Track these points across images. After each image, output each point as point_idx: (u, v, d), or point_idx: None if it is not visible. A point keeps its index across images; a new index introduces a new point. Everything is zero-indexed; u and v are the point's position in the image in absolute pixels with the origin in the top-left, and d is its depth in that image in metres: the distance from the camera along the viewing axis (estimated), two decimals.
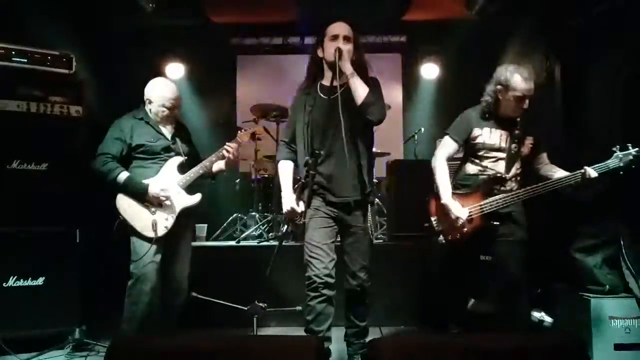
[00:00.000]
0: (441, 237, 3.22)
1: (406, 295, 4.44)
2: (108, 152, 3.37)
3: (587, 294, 3.40)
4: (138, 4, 5.10)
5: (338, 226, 3.03)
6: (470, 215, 3.13)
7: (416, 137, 5.94)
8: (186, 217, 3.50)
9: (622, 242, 3.34)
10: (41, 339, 3.54)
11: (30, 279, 3.61)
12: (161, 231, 3.35)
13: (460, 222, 3.10)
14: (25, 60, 3.76)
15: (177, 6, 5.61)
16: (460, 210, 3.12)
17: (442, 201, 3.17)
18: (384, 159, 5.64)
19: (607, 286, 3.38)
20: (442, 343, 1.96)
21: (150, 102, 3.50)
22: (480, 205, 3.12)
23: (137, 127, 3.45)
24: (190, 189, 3.50)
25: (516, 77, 3.10)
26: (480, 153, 3.22)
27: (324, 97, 3.03)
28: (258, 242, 5.10)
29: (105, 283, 3.89)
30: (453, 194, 3.18)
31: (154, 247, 3.31)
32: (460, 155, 3.40)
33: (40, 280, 3.63)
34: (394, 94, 6.89)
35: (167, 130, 3.55)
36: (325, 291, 2.91)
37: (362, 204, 3.04)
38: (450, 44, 6.16)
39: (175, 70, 6.47)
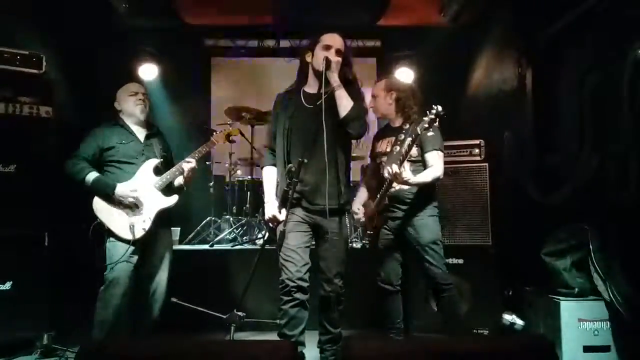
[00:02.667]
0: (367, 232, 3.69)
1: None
2: (79, 154, 3.40)
3: (557, 297, 3.45)
4: (111, 4, 5.03)
5: (314, 232, 3.04)
6: (372, 216, 3.51)
7: None
8: (164, 220, 3.52)
9: (590, 246, 3.40)
10: (8, 345, 3.46)
11: (8, 283, 3.53)
12: (139, 233, 3.36)
13: (355, 217, 3.51)
14: None
15: (151, 7, 5.55)
16: (356, 210, 3.53)
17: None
18: (359, 162, 5.65)
19: (577, 289, 3.45)
20: (415, 345, 1.96)
21: (119, 104, 3.59)
22: (375, 203, 3.46)
23: (110, 130, 3.51)
24: (168, 191, 3.51)
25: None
26: (378, 161, 3.54)
27: (307, 104, 3.04)
28: (232, 246, 5.07)
29: (74, 287, 3.83)
30: (369, 200, 3.56)
31: (130, 249, 3.30)
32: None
33: (7, 285, 3.55)
34: (368, 99, 6.90)
35: (140, 132, 3.58)
36: (298, 295, 2.91)
37: (338, 212, 3.05)
38: (425, 49, 6.21)
39: (148, 71, 6.36)
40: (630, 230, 3.22)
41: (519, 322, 3.79)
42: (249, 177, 5.70)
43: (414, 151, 3.29)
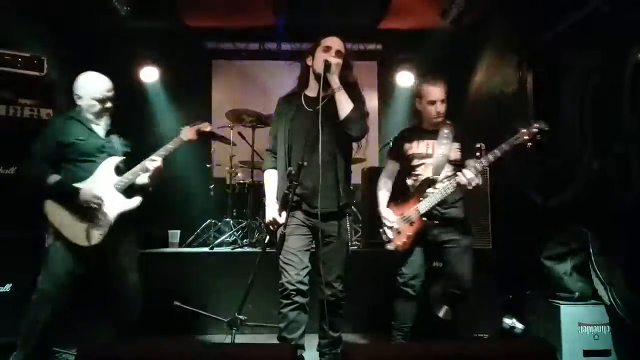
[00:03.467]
0: (390, 245, 3.42)
1: (381, 301, 4.44)
2: (38, 154, 3.13)
3: (557, 301, 3.45)
4: (112, 7, 5.04)
5: (314, 236, 3.03)
6: (409, 218, 3.36)
7: (391, 144, 5.97)
8: (125, 223, 3.23)
9: (591, 250, 3.40)
10: (7, 346, 3.44)
11: (7, 285, 3.53)
12: (95, 239, 3.09)
13: (391, 225, 3.40)
14: None
15: (152, 9, 5.56)
16: (390, 214, 3.44)
17: (378, 210, 3.52)
18: (360, 165, 5.65)
19: (577, 293, 3.45)
20: (415, 350, 1.96)
21: (79, 98, 3.25)
22: (416, 207, 3.35)
23: (67, 125, 3.20)
24: (129, 192, 3.26)
25: (426, 85, 3.43)
26: (413, 163, 3.45)
27: (307, 107, 3.05)
28: (232, 249, 5.06)
29: (73, 289, 3.82)
30: (394, 203, 3.49)
31: (76, 259, 3.07)
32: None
33: (7, 287, 3.55)
34: (369, 102, 6.87)
35: (100, 128, 3.28)
36: (297, 298, 2.91)
37: (338, 215, 3.04)
38: (426, 52, 6.23)
39: (150, 74, 6.40)
40: (631, 234, 3.21)
41: (519, 326, 3.78)
42: (250, 179, 5.70)
43: (458, 155, 3.39)
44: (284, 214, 2.91)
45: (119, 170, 3.26)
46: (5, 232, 3.56)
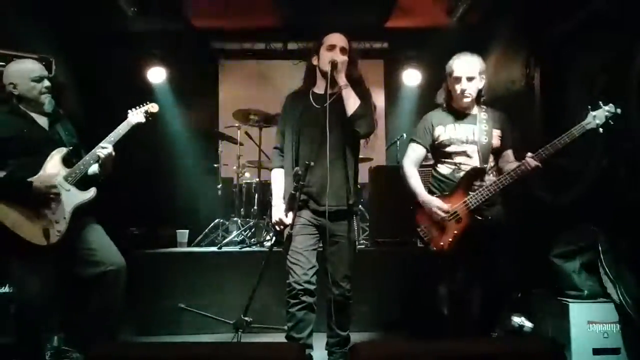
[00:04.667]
0: (432, 247, 3.09)
1: (388, 300, 4.45)
2: None
3: (566, 299, 3.43)
4: (119, 8, 5.06)
5: (322, 235, 3.03)
6: (457, 214, 3.03)
7: (398, 143, 5.97)
8: (83, 216, 3.07)
9: (600, 248, 3.38)
10: (9, 346, 3.46)
11: (7, 285, 3.54)
12: (54, 237, 2.90)
13: (444, 217, 3.01)
14: (4, 64, 3.69)
15: (159, 11, 5.58)
16: (438, 201, 3.05)
17: (420, 200, 3.12)
18: (367, 164, 5.65)
19: (586, 291, 3.42)
20: (423, 348, 1.96)
21: (15, 87, 3.03)
22: (465, 201, 3.03)
23: (6, 119, 3.00)
24: (82, 184, 3.08)
25: (455, 61, 3.14)
26: (449, 150, 3.14)
27: (316, 105, 3.05)
28: (240, 248, 5.07)
29: (84, 289, 3.84)
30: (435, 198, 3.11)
31: (43, 259, 2.90)
32: (430, 162, 3.39)
33: (6, 288, 3.55)
34: (376, 100, 6.88)
35: (43, 119, 3.11)
36: (304, 298, 2.91)
37: (346, 214, 3.04)
38: (432, 50, 6.21)
39: (157, 74, 6.43)
40: (639, 231, 3.20)
41: (528, 325, 3.77)
42: (257, 179, 5.71)
43: (499, 142, 3.11)
44: (290, 214, 2.91)
45: (68, 162, 3.07)
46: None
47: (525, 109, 4.65)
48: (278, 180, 3.15)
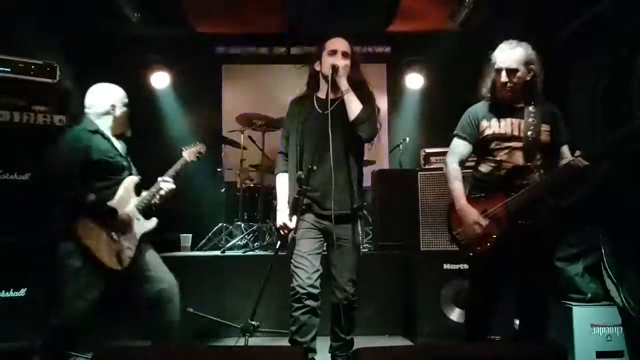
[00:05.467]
0: (470, 253, 2.88)
1: (391, 303, 4.46)
2: (70, 172, 2.95)
3: (569, 302, 3.43)
4: (123, 14, 5.09)
5: (326, 239, 3.04)
6: (497, 217, 2.77)
7: (401, 146, 5.98)
8: (144, 244, 3.20)
9: (602, 251, 3.38)
10: (23, 351, 3.48)
11: (12, 290, 3.57)
12: (126, 262, 3.03)
13: (478, 229, 2.76)
14: (9, 70, 3.74)
15: (163, 16, 5.61)
16: (476, 214, 2.78)
17: (457, 207, 2.87)
18: (370, 168, 5.67)
19: (589, 294, 3.42)
20: (426, 352, 1.97)
21: (114, 108, 3.18)
22: (505, 203, 2.76)
23: (95, 140, 3.07)
24: (146, 212, 3.22)
25: (497, 50, 2.88)
26: (492, 146, 2.87)
27: (319, 110, 3.07)
28: (243, 252, 5.08)
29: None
30: (472, 198, 2.89)
31: (101, 283, 2.98)
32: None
33: (22, 292, 3.59)
34: (379, 104, 6.90)
35: (120, 146, 3.24)
36: (308, 302, 2.92)
37: (350, 218, 3.05)
38: (435, 54, 6.23)
39: (161, 79, 6.45)
40: None
41: None
42: (260, 183, 5.72)
43: (548, 138, 2.80)
44: (294, 218, 2.92)
45: (138, 191, 3.21)
46: (20, 237, 3.59)
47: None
48: (283, 185, 3.16)
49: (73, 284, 2.95)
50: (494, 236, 2.76)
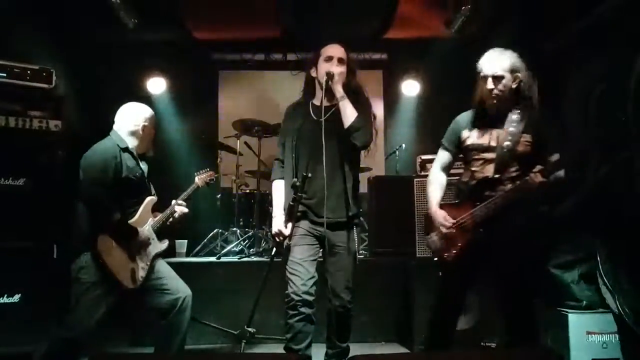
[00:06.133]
0: (436, 258, 2.99)
1: (387, 310, 4.45)
2: (102, 187, 2.97)
3: (564, 310, 3.43)
4: (120, 19, 5.10)
5: (322, 246, 3.04)
6: (463, 225, 2.83)
7: (397, 153, 5.99)
8: (156, 260, 3.26)
9: (598, 258, 3.38)
10: (17, 356, 3.46)
11: (5, 295, 3.55)
12: (138, 282, 3.07)
13: (445, 230, 2.85)
14: (5, 75, 3.74)
15: (159, 22, 5.62)
16: (444, 217, 2.86)
17: (429, 211, 2.97)
18: (366, 174, 5.67)
19: (585, 301, 3.42)
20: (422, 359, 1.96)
21: (143, 128, 3.24)
22: (472, 213, 2.81)
23: (125, 157, 3.13)
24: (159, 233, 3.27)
25: (483, 58, 2.88)
26: (470, 156, 2.92)
27: (314, 117, 3.07)
28: (239, 258, 5.07)
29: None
30: (447, 205, 2.96)
31: (112, 299, 3.02)
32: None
33: (16, 297, 3.57)
34: (375, 111, 6.90)
35: (144, 167, 3.29)
36: (303, 309, 2.91)
37: (346, 225, 3.05)
38: (431, 61, 6.25)
39: (157, 85, 6.45)
40: (638, 241, 3.20)
41: None
42: (256, 189, 5.71)
43: (528, 149, 2.77)
44: (290, 225, 2.92)
45: (154, 212, 3.28)
46: (15, 243, 3.58)
47: None
48: (278, 192, 3.16)
49: (85, 297, 2.96)
50: (459, 244, 2.84)
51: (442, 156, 3.05)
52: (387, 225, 4.90)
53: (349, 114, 2.97)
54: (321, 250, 3.07)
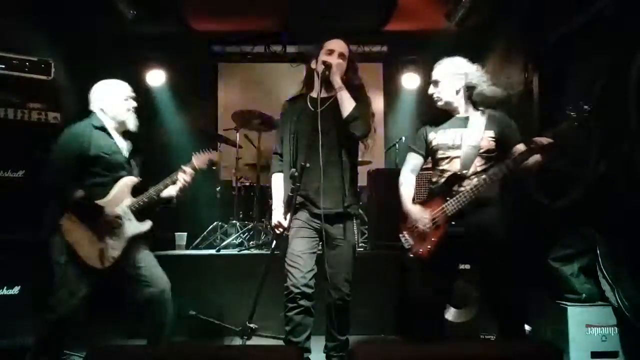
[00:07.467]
0: (411, 254, 3.07)
1: (387, 303, 4.45)
2: (62, 165, 2.99)
3: (564, 303, 3.43)
4: (119, 11, 5.07)
5: (320, 238, 3.03)
6: (435, 221, 2.97)
7: (397, 146, 5.98)
8: (135, 244, 3.16)
9: (598, 251, 3.38)
10: (15, 349, 3.47)
11: (5, 287, 3.55)
12: (108, 262, 3.00)
13: (422, 225, 2.97)
14: (3, 66, 3.72)
15: (159, 14, 5.59)
16: (421, 212, 2.99)
17: (404, 209, 3.07)
18: (365, 167, 5.66)
19: (584, 295, 3.43)
20: (420, 352, 1.96)
21: (103, 105, 3.16)
22: (442, 208, 2.95)
23: (96, 136, 3.08)
24: (141, 214, 3.18)
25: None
26: (437, 156, 3.08)
27: (312, 108, 3.07)
28: (238, 251, 5.07)
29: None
30: (419, 203, 3.10)
31: (91, 279, 2.99)
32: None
33: (15, 290, 3.57)
34: (375, 103, 6.86)
35: (124, 145, 3.22)
36: (302, 302, 2.91)
37: (344, 217, 3.05)
38: (431, 54, 6.20)
39: (157, 77, 6.44)
40: (637, 235, 3.20)
41: (526, 328, 3.77)
42: (256, 182, 5.71)
43: (492, 146, 2.95)
44: (289, 216, 2.92)
45: (135, 192, 3.18)
46: (14, 235, 3.57)
47: (524, 113, 4.65)
48: (278, 185, 3.16)
49: (61, 279, 2.98)
50: (433, 239, 2.96)
51: (412, 159, 3.20)
52: (386, 218, 4.88)
53: (346, 104, 2.97)
54: (320, 242, 3.06)
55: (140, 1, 5.17)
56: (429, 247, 2.98)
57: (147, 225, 3.19)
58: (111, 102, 3.17)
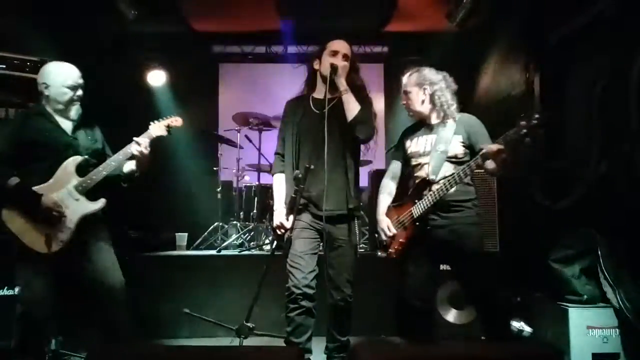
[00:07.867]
0: (380, 253, 3.25)
1: (387, 304, 4.44)
2: None
3: (565, 304, 3.43)
4: (120, 11, 5.07)
5: (323, 239, 3.03)
6: (402, 223, 3.10)
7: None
8: (91, 225, 3.02)
9: (599, 252, 3.38)
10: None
11: (5, 288, 3.54)
12: (56, 246, 2.88)
13: (383, 236, 3.15)
14: (4, 66, 3.72)
15: (160, 14, 5.59)
16: (385, 224, 3.15)
17: (377, 217, 3.23)
18: (366, 167, 5.65)
19: (585, 296, 3.42)
20: (423, 352, 1.96)
21: (46, 87, 3.01)
22: (410, 211, 3.06)
23: (29, 121, 2.98)
24: (93, 193, 3.02)
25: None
26: (412, 163, 3.17)
27: (315, 110, 3.06)
28: (239, 252, 5.07)
29: (82, 292, 3.83)
30: (394, 207, 3.21)
31: (45, 265, 2.90)
32: None
33: (16, 290, 3.56)
34: (376, 104, 6.87)
35: (68, 123, 3.06)
36: (304, 302, 2.91)
37: (347, 218, 3.04)
38: (432, 54, 6.22)
39: (157, 77, 6.44)
40: (639, 235, 3.20)
41: (527, 329, 3.77)
42: (257, 182, 5.71)
43: (461, 151, 3.01)
44: (291, 217, 2.91)
45: (82, 171, 3.01)
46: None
47: (525, 114, 4.64)
48: (279, 186, 3.16)
49: (19, 270, 2.95)
50: (401, 240, 3.10)
51: (392, 167, 3.31)
52: None
53: (352, 107, 2.97)
54: (322, 243, 3.06)
55: (141, 1, 5.18)
56: (397, 247, 3.12)
57: (99, 204, 3.02)
58: (52, 85, 3.02)
